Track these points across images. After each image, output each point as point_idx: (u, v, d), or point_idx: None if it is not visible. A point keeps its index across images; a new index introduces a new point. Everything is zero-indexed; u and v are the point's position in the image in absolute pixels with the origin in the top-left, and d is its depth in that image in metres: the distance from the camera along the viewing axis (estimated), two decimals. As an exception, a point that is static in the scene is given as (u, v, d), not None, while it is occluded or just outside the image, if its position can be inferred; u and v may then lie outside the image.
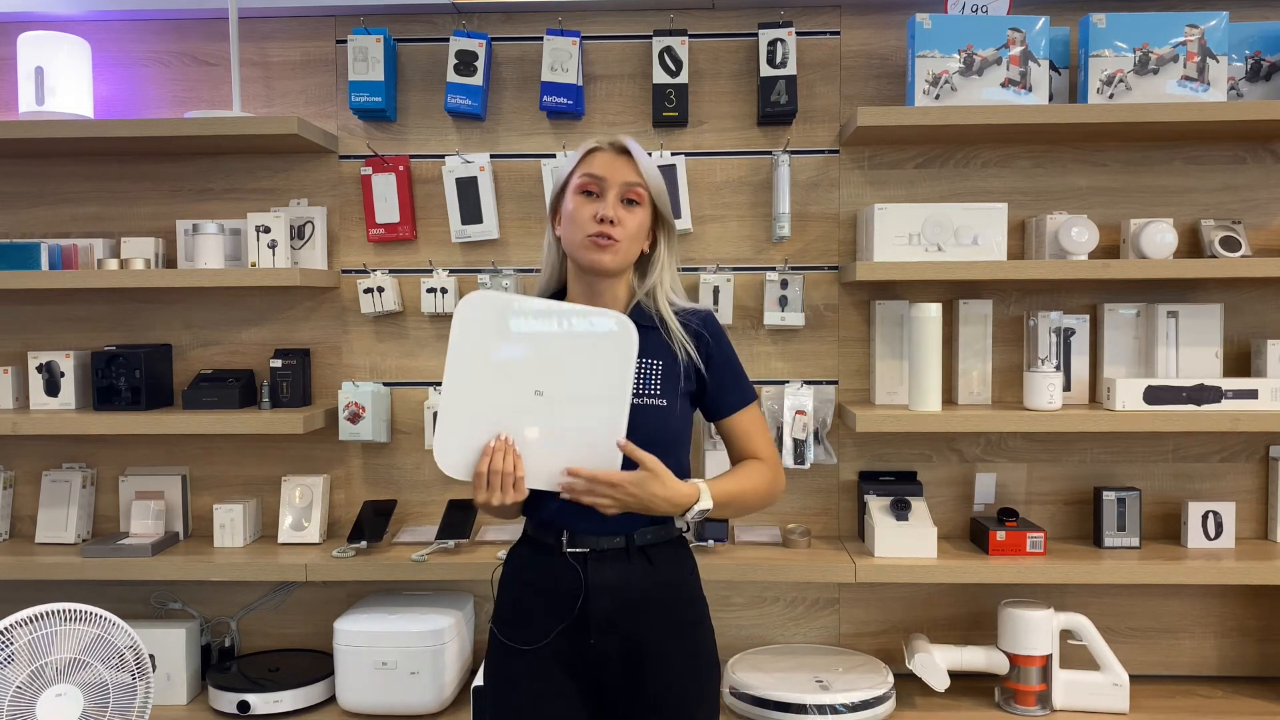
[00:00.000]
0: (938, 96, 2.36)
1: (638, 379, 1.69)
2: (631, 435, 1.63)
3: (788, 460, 2.48)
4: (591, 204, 1.71)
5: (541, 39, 2.52)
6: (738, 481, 1.77)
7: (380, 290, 2.57)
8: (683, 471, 1.73)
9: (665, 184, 1.79)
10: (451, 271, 2.59)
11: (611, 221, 1.69)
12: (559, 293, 1.83)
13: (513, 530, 2.59)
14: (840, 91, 2.57)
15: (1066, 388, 2.50)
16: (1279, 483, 2.53)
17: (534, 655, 1.73)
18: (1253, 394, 2.36)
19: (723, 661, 2.45)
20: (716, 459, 2.52)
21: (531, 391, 1.62)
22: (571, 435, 1.63)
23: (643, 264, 1.81)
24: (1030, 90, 2.36)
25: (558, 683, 1.73)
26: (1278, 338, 2.46)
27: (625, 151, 1.74)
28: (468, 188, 2.56)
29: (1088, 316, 2.53)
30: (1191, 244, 2.54)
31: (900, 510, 2.44)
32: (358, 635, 2.37)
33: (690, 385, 1.77)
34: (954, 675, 2.39)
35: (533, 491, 1.66)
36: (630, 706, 1.74)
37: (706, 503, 1.68)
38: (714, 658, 1.82)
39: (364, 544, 2.51)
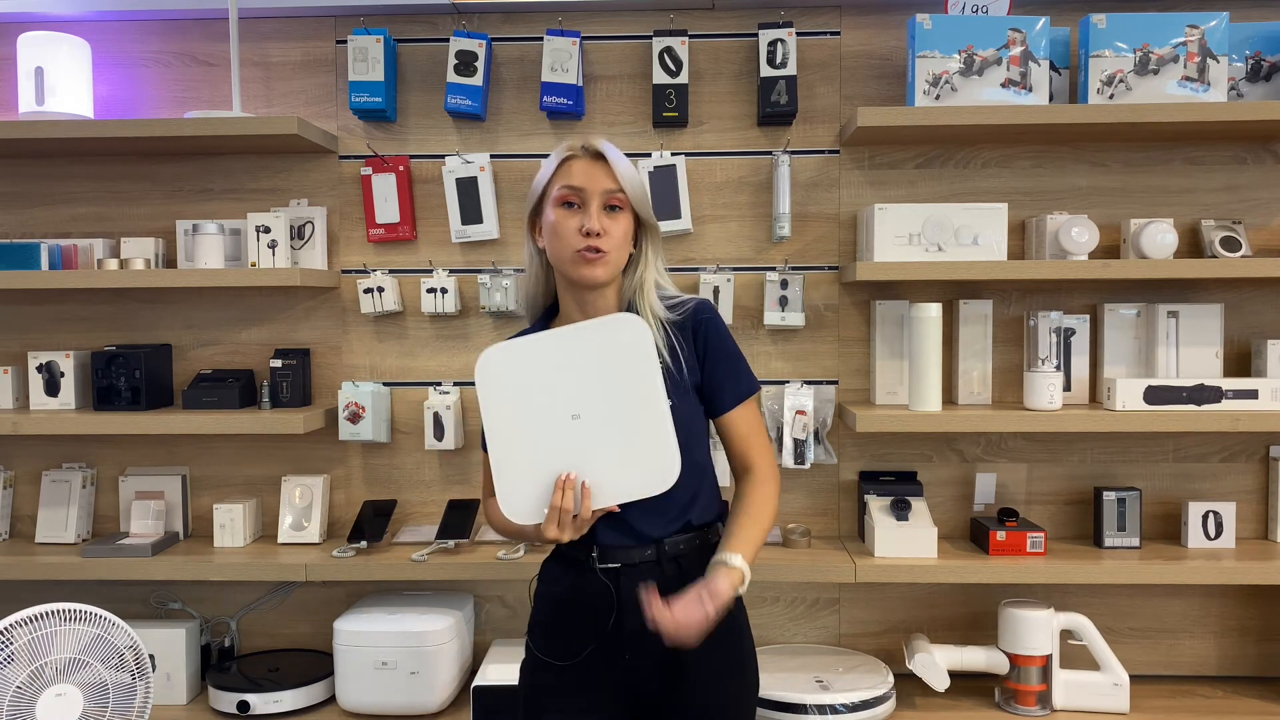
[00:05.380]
0: (938, 97, 2.36)
1: None
2: None
3: (788, 460, 2.48)
4: (574, 216, 1.67)
5: (541, 39, 2.52)
6: (758, 524, 1.72)
7: (380, 290, 2.57)
8: (703, 466, 1.72)
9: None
10: (451, 271, 2.59)
11: (598, 234, 1.64)
12: (552, 307, 1.80)
13: (513, 530, 2.59)
14: (840, 91, 2.57)
15: (1066, 388, 2.50)
16: (1279, 483, 2.53)
17: (569, 670, 1.70)
18: (1253, 394, 2.36)
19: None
20: (718, 458, 2.51)
21: (568, 418, 1.61)
22: (617, 446, 1.61)
23: (627, 267, 1.76)
24: (1030, 90, 2.36)
25: (594, 698, 1.71)
26: (1278, 338, 2.46)
27: (601, 156, 1.68)
28: (468, 188, 2.56)
29: (1088, 316, 2.53)
30: (1192, 244, 2.54)
31: (900, 510, 2.44)
32: (358, 635, 2.37)
33: (695, 378, 1.73)
34: (954, 675, 2.39)
35: None
36: (671, 718, 1.71)
37: (747, 571, 1.66)
38: (754, 664, 1.79)
39: (364, 544, 2.51)
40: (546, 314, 1.81)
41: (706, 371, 1.74)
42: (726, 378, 1.75)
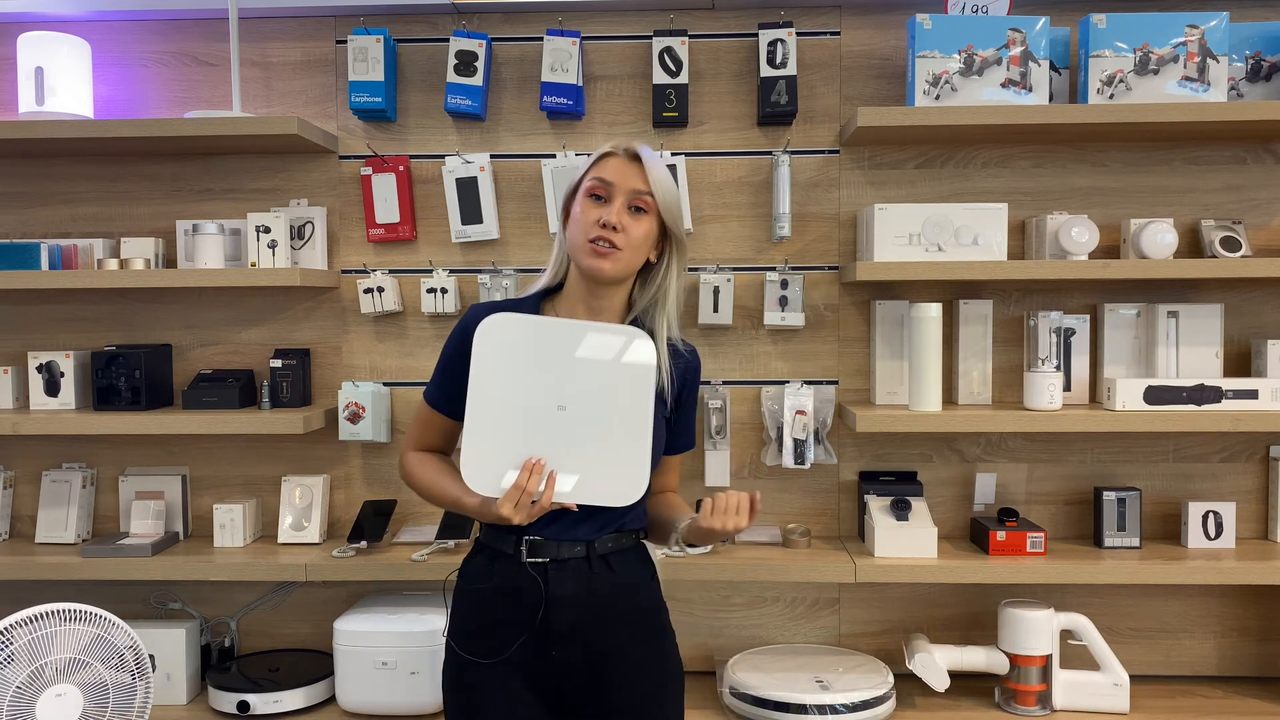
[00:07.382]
0: (938, 97, 2.36)
1: None
2: None
3: (788, 460, 2.49)
4: (597, 208, 1.68)
5: (541, 39, 2.52)
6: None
7: (380, 290, 2.57)
8: (650, 486, 1.75)
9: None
10: (451, 271, 2.59)
11: (614, 228, 1.66)
12: (555, 289, 1.80)
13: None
14: (840, 92, 2.57)
15: (1066, 388, 2.50)
16: (1279, 483, 2.53)
17: (494, 668, 1.70)
18: (1253, 394, 2.36)
19: (723, 661, 2.46)
20: (718, 458, 2.53)
21: (555, 407, 1.62)
22: (594, 448, 1.63)
23: (646, 275, 1.77)
24: (1030, 90, 2.36)
25: (519, 695, 1.71)
26: (1278, 338, 2.46)
27: (638, 158, 1.70)
28: (468, 188, 2.56)
29: (1088, 316, 2.53)
30: (1192, 244, 2.54)
31: (900, 510, 2.44)
32: (358, 635, 2.37)
33: (666, 412, 1.77)
34: (954, 675, 2.39)
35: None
36: (594, 716, 1.72)
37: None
38: (678, 663, 1.81)
39: (364, 544, 2.51)
40: (545, 293, 1.81)
41: (677, 415, 1.82)
42: (684, 430, 1.87)
